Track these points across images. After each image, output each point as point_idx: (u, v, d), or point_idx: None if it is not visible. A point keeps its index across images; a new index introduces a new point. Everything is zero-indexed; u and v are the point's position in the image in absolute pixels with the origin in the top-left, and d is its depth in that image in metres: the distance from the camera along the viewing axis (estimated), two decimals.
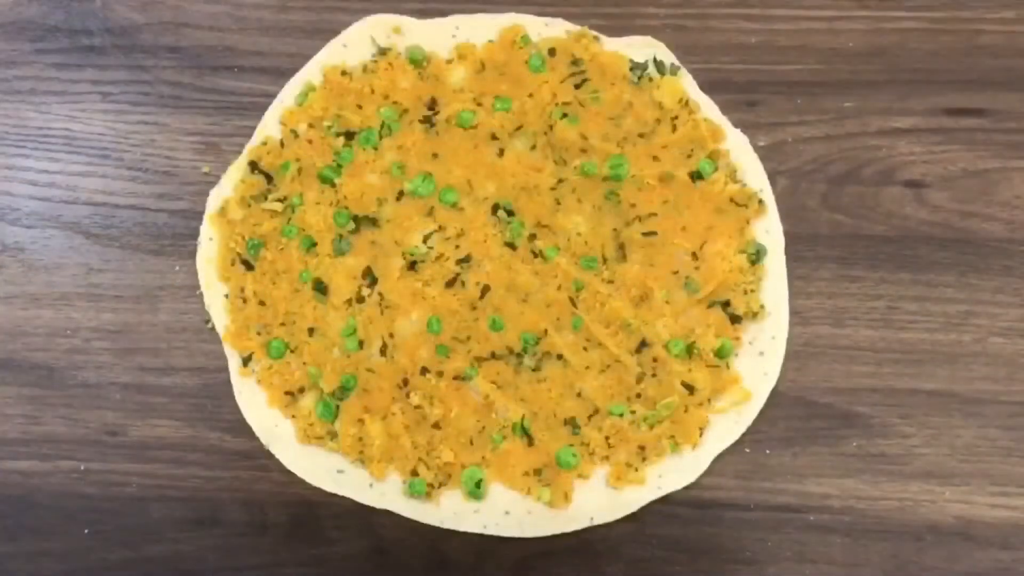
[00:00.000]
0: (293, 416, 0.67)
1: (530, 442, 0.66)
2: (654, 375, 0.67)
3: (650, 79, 0.72)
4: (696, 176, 0.70)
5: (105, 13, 0.73)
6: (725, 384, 0.67)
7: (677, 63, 0.72)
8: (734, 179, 0.70)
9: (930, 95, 0.72)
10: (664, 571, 0.66)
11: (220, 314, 0.68)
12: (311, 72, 0.72)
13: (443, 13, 0.73)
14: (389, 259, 0.69)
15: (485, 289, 0.68)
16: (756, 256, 0.69)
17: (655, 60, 0.72)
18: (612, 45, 0.73)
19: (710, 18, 0.74)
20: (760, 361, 0.67)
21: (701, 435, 0.66)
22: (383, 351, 0.67)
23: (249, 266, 0.69)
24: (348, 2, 0.74)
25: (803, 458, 0.67)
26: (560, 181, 0.70)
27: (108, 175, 0.71)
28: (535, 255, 0.69)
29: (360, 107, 0.71)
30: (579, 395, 0.67)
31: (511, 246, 0.69)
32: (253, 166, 0.70)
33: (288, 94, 0.71)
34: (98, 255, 0.70)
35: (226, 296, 0.69)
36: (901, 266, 0.69)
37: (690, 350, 0.67)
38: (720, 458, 0.66)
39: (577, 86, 0.71)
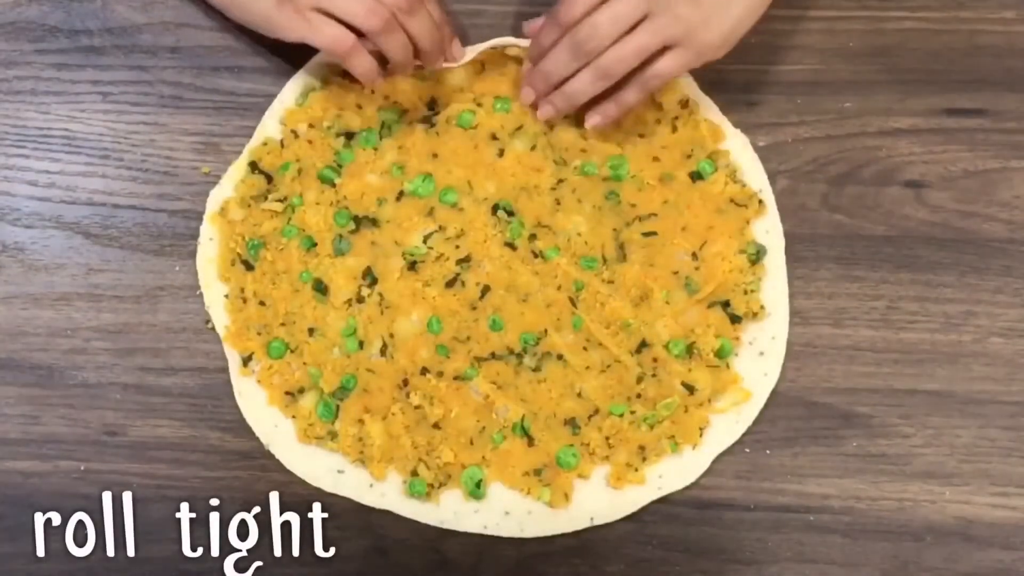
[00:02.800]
0: (293, 416, 0.67)
1: (530, 442, 0.66)
2: (654, 375, 0.67)
3: None
4: (696, 176, 0.70)
5: (105, 13, 0.73)
6: (725, 384, 0.67)
7: None
8: (734, 179, 0.70)
9: (930, 95, 0.72)
10: (664, 571, 0.66)
11: (220, 314, 0.68)
12: (311, 72, 0.72)
13: None
14: (389, 259, 0.69)
15: (485, 289, 0.68)
16: (756, 256, 0.69)
17: None
18: None
19: None
20: (760, 361, 0.67)
21: (701, 435, 0.66)
22: (383, 351, 0.67)
23: (249, 266, 0.69)
24: None
25: (803, 458, 0.67)
26: (560, 181, 0.70)
27: (108, 175, 0.71)
28: (535, 255, 0.69)
29: (360, 107, 0.71)
30: (579, 395, 0.67)
31: (511, 246, 0.69)
32: (253, 166, 0.70)
33: (288, 94, 0.71)
34: (98, 255, 0.70)
35: (226, 296, 0.68)
36: (901, 266, 0.69)
37: (690, 350, 0.67)
38: (720, 458, 0.66)
39: None
